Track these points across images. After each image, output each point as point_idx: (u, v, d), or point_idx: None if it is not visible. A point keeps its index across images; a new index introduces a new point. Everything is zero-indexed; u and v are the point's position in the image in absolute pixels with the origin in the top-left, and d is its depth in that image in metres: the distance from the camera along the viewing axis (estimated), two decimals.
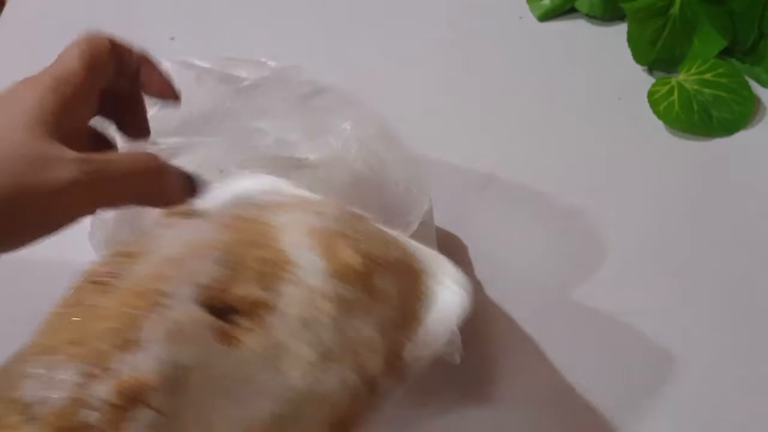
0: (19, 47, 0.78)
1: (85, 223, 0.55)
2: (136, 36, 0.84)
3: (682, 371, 0.51)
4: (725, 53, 0.69)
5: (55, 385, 0.27)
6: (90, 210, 0.34)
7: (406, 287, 0.35)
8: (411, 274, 0.36)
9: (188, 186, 0.36)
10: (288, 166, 0.46)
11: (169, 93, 0.40)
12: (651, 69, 0.71)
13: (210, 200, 0.37)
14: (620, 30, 0.72)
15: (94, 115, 0.38)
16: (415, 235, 0.51)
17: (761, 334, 0.52)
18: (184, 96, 0.40)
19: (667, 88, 0.66)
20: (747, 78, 0.67)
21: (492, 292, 0.55)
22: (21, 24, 0.81)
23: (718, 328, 0.53)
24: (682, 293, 0.55)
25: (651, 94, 0.67)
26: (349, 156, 0.49)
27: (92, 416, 0.26)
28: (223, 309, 0.30)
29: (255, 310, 0.30)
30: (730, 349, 0.52)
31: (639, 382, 0.50)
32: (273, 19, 0.79)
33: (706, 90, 0.66)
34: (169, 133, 0.46)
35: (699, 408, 0.49)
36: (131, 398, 0.27)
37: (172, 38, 0.76)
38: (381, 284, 0.33)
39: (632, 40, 0.70)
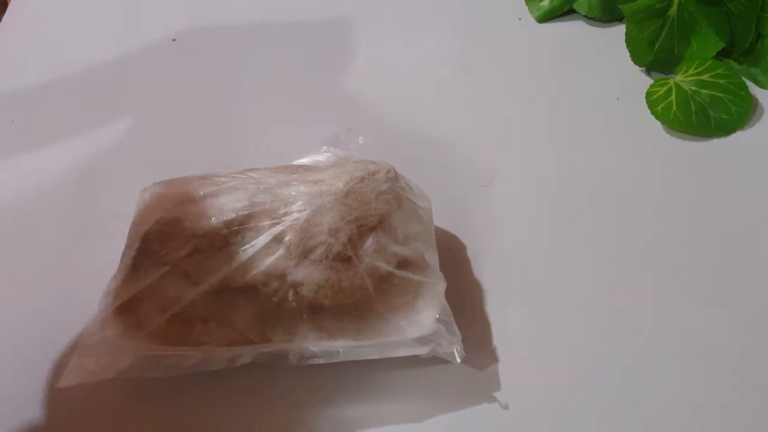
0: (21, 47, 0.78)
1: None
2: (138, 37, 0.84)
3: (682, 371, 0.51)
4: (723, 54, 0.70)
5: None
6: None
7: None
8: None
9: None
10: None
11: None
12: (649, 70, 0.71)
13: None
14: (618, 31, 0.72)
15: None
16: (415, 235, 0.52)
17: (759, 333, 0.53)
18: None
19: (665, 88, 0.67)
20: (744, 79, 0.68)
21: (491, 291, 0.55)
22: (23, 24, 0.81)
23: (717, 327, 0.53)
24: (681, 292, 0.55)
25: (649, 95, 0.67)
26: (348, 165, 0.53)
27: None
28: None
29: None
30: (728, 349, 0.52)
31: (639, 381, 0.51)
32: (273, 19, 0.79)
33: (704, 91, 0.67)
34: None
35: (699, 408, 0.50)
36: None
37: (174, 39, 0.77)
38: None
39: (630, 41, 0.71)
